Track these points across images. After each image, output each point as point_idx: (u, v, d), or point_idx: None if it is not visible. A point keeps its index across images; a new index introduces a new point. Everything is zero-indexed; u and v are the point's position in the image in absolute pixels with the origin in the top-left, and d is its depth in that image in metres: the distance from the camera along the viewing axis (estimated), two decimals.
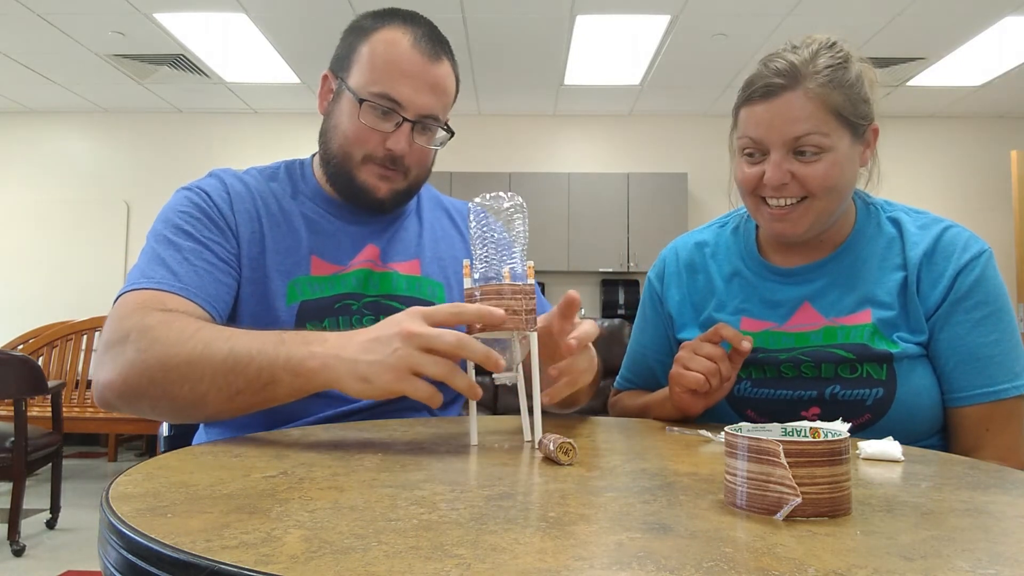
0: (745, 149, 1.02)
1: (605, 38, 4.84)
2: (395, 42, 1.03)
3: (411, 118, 1.03)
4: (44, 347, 4.10)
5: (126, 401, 0.83)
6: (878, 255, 1.06)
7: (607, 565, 0.41)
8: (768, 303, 1.09)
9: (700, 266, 1.17)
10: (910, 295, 1.02)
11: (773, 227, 1.03)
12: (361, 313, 1.05)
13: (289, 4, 4.33)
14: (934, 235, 1.04)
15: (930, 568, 0.42)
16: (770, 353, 1.05)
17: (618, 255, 6.27)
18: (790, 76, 0.96)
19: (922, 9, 4.33)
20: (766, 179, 0.99)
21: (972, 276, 1.00)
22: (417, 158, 1.07)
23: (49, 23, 4.57)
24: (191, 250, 0.97)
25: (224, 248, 1.00)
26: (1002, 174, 6.14)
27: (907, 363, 0.99)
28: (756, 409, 1.07)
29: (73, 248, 6.35)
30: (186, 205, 1.01)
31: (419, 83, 1.02)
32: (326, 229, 1.08)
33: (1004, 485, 0.65)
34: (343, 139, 1.05)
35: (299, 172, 1.14)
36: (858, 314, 1.03)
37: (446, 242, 1.19)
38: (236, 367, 0.78)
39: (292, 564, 0.40)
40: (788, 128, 0.96)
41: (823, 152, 0.97)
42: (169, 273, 0.93)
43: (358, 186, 1.06)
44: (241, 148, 6.49)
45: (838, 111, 0.97)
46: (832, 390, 1.01)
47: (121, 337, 0.83)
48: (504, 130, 6.55)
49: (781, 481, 0.51)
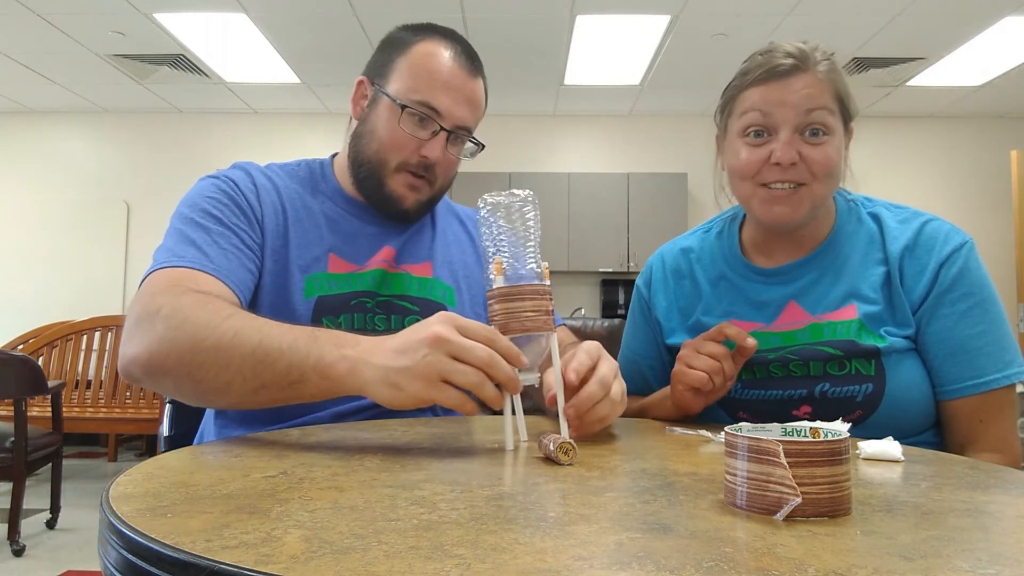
0: (749, 128, 1.01)
1: (605, 38, 4.84)
2: (436, 54, 1.06)
3: (448, 127, 1.06)
4: (44, 347, 4.10)
5: (150, 377, 0.82)
6: (860, 250, 1.06)
7: (607, 565, 0.41)
8: (754, 304, 1.09)
9: (686, 271, 1.18)
10: (894, 289, 1.02)
11: (772, 211, 1.01)
12: (374, 312, 1.07)
13: (289, 4, 4.33)
14: (915, 229, 1.04)
15: (930, 568, 0.42)
16: (759, 354, 1.04)
17: (618, 255, 6.27)
18: (801, 58, 0.99)
19: (922, 9, 4.33)
20: (777, 156, 0.98)
21: (955, 268, 1.00)
22: (445, 167, 1.11)
23: (49, 23, 4.57)
24: (220, 233, 0.97)
25: (250, 236, 1.01)
26: (1002, 174, 6.13)
27: (895, 357, 0.99)
28: (748, 410, 1.07)
29: (73, 248, 6.35)
30: (213, 191, 1.02)
31: (458, 95, 1.06)
32: (345, 229, 1.11)
33: (1004, 485, 0.65)
34: (379, 144, 1.07)
35: (320, 172, 1.16)
36: (843, 309, 1.03)
37: (457, 247, 1.22)
38: (265, 359, 0.76)
39: (292, 564, 0.40)
40: (803, 102, 0.98)
41: (828, 134, 0.99)
42: (200, 253, 0.93)
43: (387, 194, 1.09)
44: (241, 148, 6.49)
45: (840, 96, 1.00)
46: (822, 387, 1.01)
47: (152, 312, 0.82)
48: (504, 130, 6.54)
49: (781, 481, 0.51)
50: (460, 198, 1.33)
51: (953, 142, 6.50)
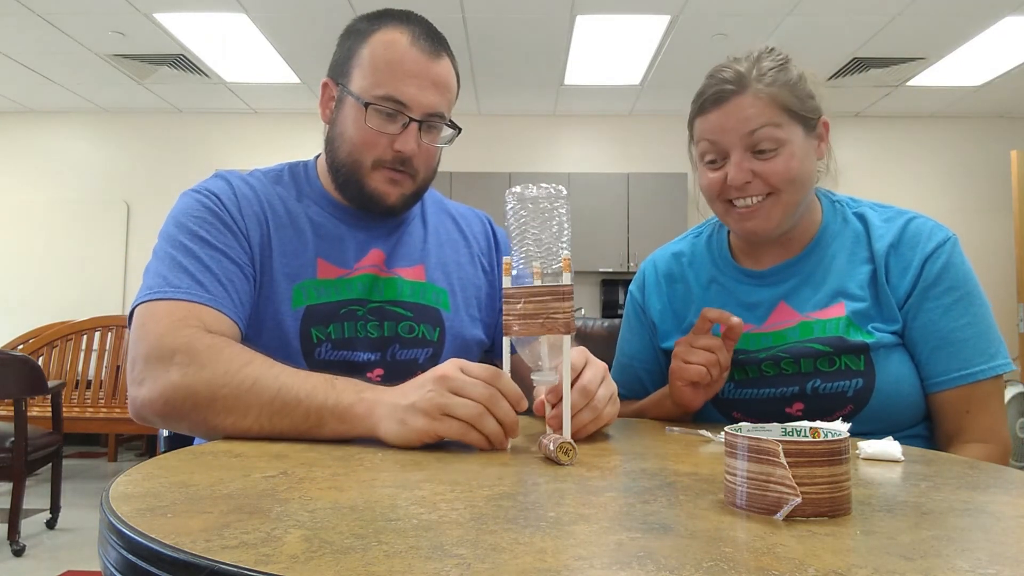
0: (706, 156, 1.05)
1: (605, 38, 4.84)
2: (394, 43, 1.02)
3: (417, 117, 1.02)
4: (44, 347, 4.09)
5: (164, 421, 0.85)
6: (846, 250, 1.08)
7: (607, 565, 0.41)
8: (745, 306, 1.11)
9: (678, 275, 1.20)
10: (880, 286, 1.04)
11: (744, 227, 1.05)
12: (366, 319, 1.05)
13: (289, 4, 4.32)
14: (899, 226, 1.06)
15: (930, 568, 0.42)
16: (750, 354, 1.07)
17: (618, 255, 6.27)
18: (737, 82, 1.01)
19: (922, 9, 4.33)
20: (729, 179, 1.02)
21: (939, 263, 1.02)
22: (425, 158, 1.07)
23: (49, 23, 4.57)
24: (211, 258, 0.96)
25: (239, 252, 1.00)
26: (1002, 174, 6.13)
27: (883, 352, 1.01)
28: (741, 410, 1.09)
29: (73, 248, 6.34)
30: (198, 210, 1.00)
31: (422, 82, 1.02)
32: (332, 232, 1.08)
33: (1004, 485, 0.65)
34: (351, 146, 1.04)
35: (303, 174, 1.13)
36: (831, 307, 1.05)
37: (451, 247, 1.18)
38: (283, 409, 0.79)
39: (292, 564, 0.40)
40: (742, 126, 1.00)
41: (780, 147, 1.00)
42: (195, 283, 0.92)
43: (368, 194, 1.06)
44: (241, 148, 6.49)
45: (786, 106, 1.01)
46: (813, 384, 1.03)
47: (166, 355, 0.83)
48: (504, 130, 6.54)
49: (781, 481, 0.51)
50: (460, 198, 1.32)
51: (953, 142, 6.50)
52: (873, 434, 0.99)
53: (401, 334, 1.06)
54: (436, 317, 1.10)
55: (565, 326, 0.76)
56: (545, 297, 0.76)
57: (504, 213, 0.82)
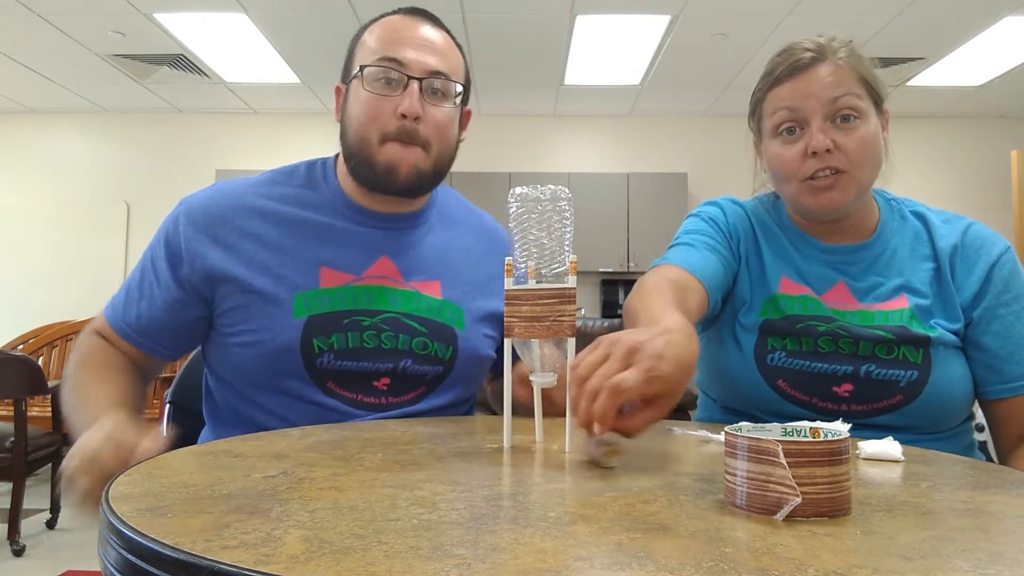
0: (782, 126, 1.03)
1: (605, 38, 4.84)
2: (391, 21, 1.07)
3: (416, 75, 1.02)
4: (44, 347, 4.10)
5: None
6: (907, 246, 1.09)
7: (607, 565, 0.41)
8: (805, 274, 1.09)
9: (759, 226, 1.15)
10: (944, 284, 1.05)
11: (820, 199, 1.02)
12: (378, 329, 1.02)
13: (289, 4, 4.33)
14: (960, 229, 1.08)
15: (930, 568, 0.42)
16: (808, 323, 1.04)
17: (618, 255, 6.27)
18: (818, 51, 1.02)
19: (922, 9, 4.33)
20: (812, 144, 1.00)
21: (1006, 270, 1.05)
22: (435, 127, 1.04)
23: (49, 23, 4.57)
24: (149, 283, 1.06)
25: (169, 283, 1.04)
26: (1002, 174, 6.12)
27: (943, 350, 1.01)
28: (788, 380, 1.04)
29: (73, 248, 6.34)
30: (159, 236, 1.06)
31: (421, 44, 1.03)
32: (340, 235, 1.06)
33: (1004, 485, 0.65)
34: (357, 124, 1.04)
35: (321, 171, 1.12)
36: (894, 300, 1.05)
37: (469, 261, 1.14)
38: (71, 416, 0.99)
39: (292, 564, 0.40)
40: (825, 92, 1.00)
41: (860, 118, 1.00)
42: (123, 306, 1.07)
43: (380, 170, 1.03)
44: (241, 148, 6.48)
45: (864, 79, 1.02)
46: (867, 368, 1.01)
47: (75, 346, 1.09)
48: (504, 130, 6.54)
49: (781, 481, 0.51)
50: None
51: (953, 142, 6.50)
52: (916, 429, 1.00)
53: (415, 350, 1.04)
54: (450, 336, 1.07)
55: (570, 328, 0.76)
56: (551, 300, 0.76)
57: (506, 213, 0.82)
